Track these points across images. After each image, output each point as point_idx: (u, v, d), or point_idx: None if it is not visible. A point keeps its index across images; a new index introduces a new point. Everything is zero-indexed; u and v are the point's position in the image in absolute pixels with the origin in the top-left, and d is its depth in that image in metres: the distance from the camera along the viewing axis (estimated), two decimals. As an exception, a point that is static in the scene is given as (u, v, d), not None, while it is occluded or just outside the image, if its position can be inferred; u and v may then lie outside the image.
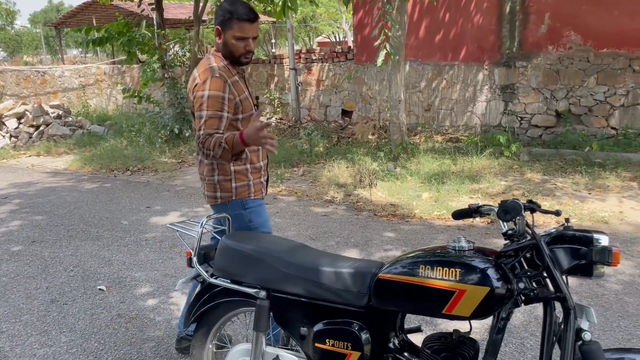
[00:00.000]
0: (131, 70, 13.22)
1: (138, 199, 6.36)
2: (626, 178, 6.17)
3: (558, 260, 1.64)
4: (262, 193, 2.66)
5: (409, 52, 8.87)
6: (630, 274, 3.81)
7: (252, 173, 2.57)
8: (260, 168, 2.61)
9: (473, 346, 1.79)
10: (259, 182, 2.62)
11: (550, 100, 8.01)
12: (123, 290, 3.85)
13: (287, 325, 2.07)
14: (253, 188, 2.58)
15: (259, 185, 2.62)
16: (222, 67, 2.41)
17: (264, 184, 2.66)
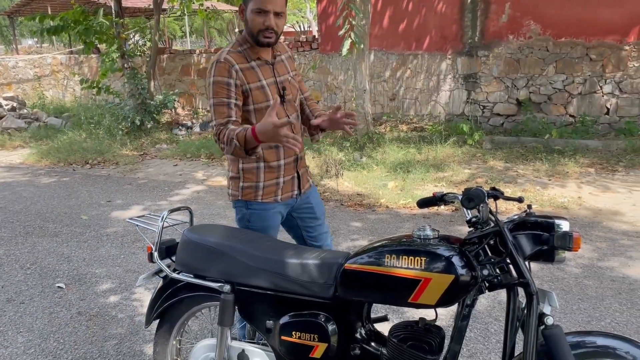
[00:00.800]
0: (89, 60, 12.81)
1: (98, 193, 6.18)
2: (584, 164, 6.36)
3: (521, 247, 1.65)
4: (276, 196, 2.32)
5: (373, 41, 8.87)
6: (589, 257, 3.92)
7: (265, 172, 2.28)
8: (278, 167, 2.29)
9: (439, 334, 1.79)
10: (274, 183, 2.30)
11: (511, 89, 8.16)
12: (83, 287, 3.73)
13: (252, 319, 2.04)
14: (262, 190, 2.29)
15: (272, 187, 2.30)
16: (236, 52, 2.18)
17: (281, 185, 2.32)
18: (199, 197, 5.89)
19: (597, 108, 7.67)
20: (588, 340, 1.68)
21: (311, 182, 2.54)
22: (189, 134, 9.53)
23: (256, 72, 2.20)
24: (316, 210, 2.50)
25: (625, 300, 3.28)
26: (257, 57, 2.21)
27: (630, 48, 7.32)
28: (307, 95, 2.53)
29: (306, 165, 2.49)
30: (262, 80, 2.20)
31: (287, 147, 1.95)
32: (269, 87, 2.22)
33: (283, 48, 2.38)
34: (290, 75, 2.33)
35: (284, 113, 2.26)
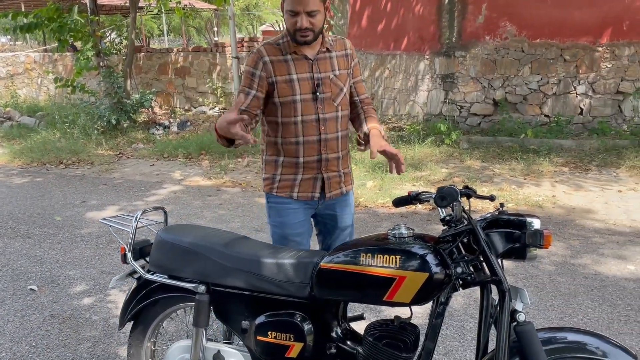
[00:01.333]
0: (64, 58, 12.58)
1: (72, 194, 6.07)
2: (558, 163, 6.47)
3: (493, 244, 1.67)
4: (292, 192, 2.29)
5: (352, 41, 8.86)
6: (562, 254, 3.99)
7: (283, 166, 2.28)
8: (296, 164, 2.26)
9: (414, 331, 1.81)
10: (291, 178, 2.28)
11: (488, 89, 8.26)
12: (56, 289, 3.66)
13: (228, 319, 2.02)
14: (278, 183, 2.29)
15: (288, 182, 2.28)
16: (275, 44, 2.18)
17: (298, 182, 2.28)
18: (176, 197, 5.83)
19: (571, 108, 7.81)
20: (559, 336, 1.71)
21: (345, 190, 2.39)
22: (166, 133, 9.43)
23: (288, 65, 2.17)
24: (339, 220, 2.40)
25: (596, 297, 3.35)
26: (293, 51, 2.17)
27: (603, 49, 7.48)
28: (362, 97, 2.40)
29: (341, 171, 2.35)
30: (292, 74, 2.17)
31: (238, 143, 1.97)
32: (300, 82, 2.18)
33: (341, 45, 2.30)
34: (334, 74, 2.23)
35: (314, 110, 2.21)
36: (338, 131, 2.28)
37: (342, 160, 2.35)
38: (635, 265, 3.79)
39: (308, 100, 2.19)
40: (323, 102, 2.22)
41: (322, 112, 2.22)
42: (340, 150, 2.31)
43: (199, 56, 11.04)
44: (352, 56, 2.33)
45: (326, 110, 2.23)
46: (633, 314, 3.14)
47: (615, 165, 6.33)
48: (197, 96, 11.15)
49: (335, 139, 2.28)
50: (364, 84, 2.41)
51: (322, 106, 2.21)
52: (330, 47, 2.24)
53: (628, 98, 7.51)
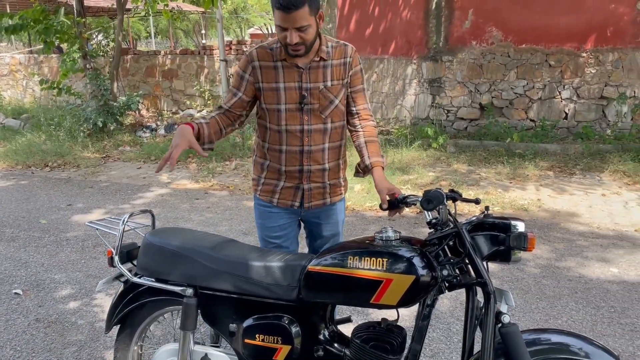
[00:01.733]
0: (49, 60, 12.47)
1: (58, 197, 6.02)
2: (543, 167, 6.55)
3: (479, 247, 1.70)
4: (272, 197, 2.30)
5: (339, 45, 8.92)
6: (547, 257, 4.04)
7: (268, 171, 2.30)
8: (281, 171, 2.26)
9: (400, 334, 1.82)
10: (274, 184, 2.29)
11: (475, 94, 8.34)
12: (41, 293, 3.63)
13: (215, 322, 2.02)
14: (261, 186, 2.33)
15: (270, 186, 2.30)
16: (268, 48, 2.15)
17: (279, 188, 2.29)
18: (163, 201, 5.80)
19: (556, 113, 7.91)
20: (543, 338, 1.74)
21: (329, 201, 2.34)
22: (153, 136, 9.38)
23: (277, 72, 2.14)
24: (323, 229, 2.38)
25: (581, 299, 3.40)
26: (284, 59, 2.13)
27: (587, 55, 7.59)
28: (360, 109, 2.30)
29: (327, 182, 2.30)
30: (279, 82, 2.14)
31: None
32: (286, 91, 2.14)
33: (341, 53, 2.19)
34: (325, 85, 2.16)
35: (299, 121, 2.17)
36: (325, 143, 2.23)
37: (330, 171, 2.30)
38: (618, 268, 3.84)
39: (293, 110, 2.17)
40: (310, 113, 2.17)
41: (307, 123, 2.18)
42: (327, 162, 2.27)
43: (186, 59, 11.01)
44: (352, 64, 2.23)
45: (312, 121, 2.19)
46: (616, 316, 3.19)
47: (599, 169, 6.42)
48: (185, 99, 11.11)
49: (320, 151, 2.23)
50: (365, 93, 2.31)
51: (308, 117, 2.18)
52: (327, 56, 2.15)
53: (612, 103, 7.63)
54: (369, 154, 2.24)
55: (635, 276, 3.71)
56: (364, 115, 2.30)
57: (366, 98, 2.32)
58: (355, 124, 2.31)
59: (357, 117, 2.30)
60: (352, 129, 2.32)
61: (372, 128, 2.30)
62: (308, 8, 1.92)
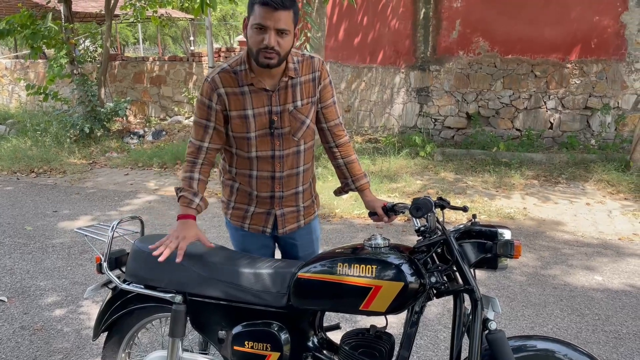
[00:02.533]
0: (36, 65, 12.37)
1: (44, 203, 5.96)
2: (529, 176, 6.63)
3: (466, 254, 1.72)
4: (243, 222, 2.18)
5: (329, 53, 8.99)
6: (533, 265, 4.09)
7: (237, 194, 2.16)
8: (250, 195, 2.13)
9: (389, 340, 1.84)
10: (244, 208, 2.16)
11: (462, 103, 8.43)
12: (27, 300, 3.59)
13: (204, 329, 2.02)
14: (231, 210, 2.19)
15: (240, 211, 2.17)
16: (231, 72, 1.97)
17: (250, 213, 2.15)
18: (150, 207, 5.77)
19: (542, 122, 8.03)
20: (529, 344, 1.76)
21: (303, 223, 2.23)
22: (140, 142, 9.33)
23: (244, 99, 1.97)
24: (300, 249, 2.26)
25: (566, 307, 3.44)
26: (250, 83, 1.95)
27: (572, 66, 7.72)
28: (332, 125, 2.17)
29: (300, 205, 2.19)
30: (247, 109, 1.97)
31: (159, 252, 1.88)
32: (255, 118, 1.98)
33: (308, 67, 2.04)
34: (295, 105, 2.01)
35: (270, 147, 2.03)
36: (299, 166, 2.12)
37: (304, 194, 2.19)
38: (602, 276, 3.90)
39: (264, 136, 2.02)
40: (281, 137, 2.03)
41: (278, 149, 2.04)
42: (301, 185, 2.16)
43: (175, 65, 10.99)
44: (321, 78, 2.08)
45: (284, 146, 2.05)
46: (600, 324, 3.23)
47: (584, 178, 6.51)
48: (173, 105, 11.09)
49: (294, 175, 2.12)
50: (336, 107, 2.17)
51: (279, 142, 2.04)
52: (295, 73, 1.99)
53: (596, 114, 7.76)
54: (352, 177, 2.23)
55: (619, 284, 3.76)
56: (337, 131, 2.19)
57: (337, 111, 2.18)
58: (329, 141, 2.20)
59: (329, 133, 2.18)
60: (327, 146, 2.22)
61: (348, 146, 2.23)
62: (292, 14, 1.84)
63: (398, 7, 8.63)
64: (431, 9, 8.40)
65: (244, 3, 23.39)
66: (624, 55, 7.48)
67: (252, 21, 1.84)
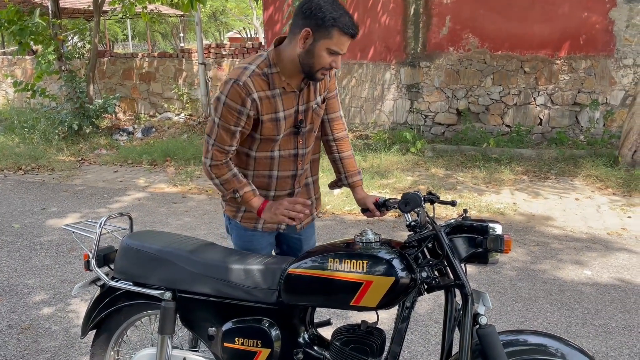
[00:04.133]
0: (23, 61, 12.23)
1: (32, 200, 5.90)
2: (519, 172, 6.66)
3: (457, 249, 1.72)
4: (256, 224, 2.13)
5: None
6: (523, 260, 4.11)
7: None
8: (269, 197, 2.10)
9: (380, 336, 1.83)
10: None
11: (452, 99, 8.45)
12: (14, 299, 3.55)
13: (194, 326, 2.00)
14: (242, 213, 2.13)
15: (252, 213, 2.08)
16: (261, 75, 1.90)
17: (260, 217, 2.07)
18: (140, 204, 5.73)
19: (531, 118, 8.07)
20: (520, 339, 1.77)
21: (315, 214, 2.30)
22: (130, 139, 9.26)
23: (276, 102, 1.94)
24: (304, 243, 2.27)
25: (555, 301, 3.46)
26: (282, 86, 1.94)
27: (561, 62, 7.76)
28: (333, 117, 2.20)
29: (312, 197, 2.25)
30: (279, 112, 1.95)
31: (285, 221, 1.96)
32: (286, 120, 1.97)
33: None
34: (317, 102, 2.05)
35: (293, 145, 2.04)
36: (310, 161, 2.17)
37: (314, 185, 2.24)
38: (591, 270, 3.93)
39: (289, 135, 2.03)
40: (304, 136, 2.06)
41: (302, 147, 2.06)
42: (310, 176, 2.21)
43: (164, 62, 10.91)
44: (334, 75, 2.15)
45: (307, 144, 2.08)
46: (589, 318, 3.26)
47: (573, 174, 6.55)
48: (163, 102, 11.01)
49: (308, 169, 2.17)
50: (338, 97, 2.21)
51: (302, 140, 2.06)
52: None
53: (584, 109, 7.81)
54: (345, 173, 2.23)
55: (608, 278, 3.79)
56: (336, 124, 2.21)
57: (338, 104, 2.22)
58: (327, 134, 2.21)
59: (328, 125, 2.20)
60: (324, 139, 2.23)
61: (345, 141, 2.23)
62: None
63: (388, 3, 8.62)
64: (421, 5, 8.39)
65: (234, -1, 23.27)
66: (613, 51, 7.54)
67: (327, 44, 1.83)
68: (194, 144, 8.26)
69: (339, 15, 1.81)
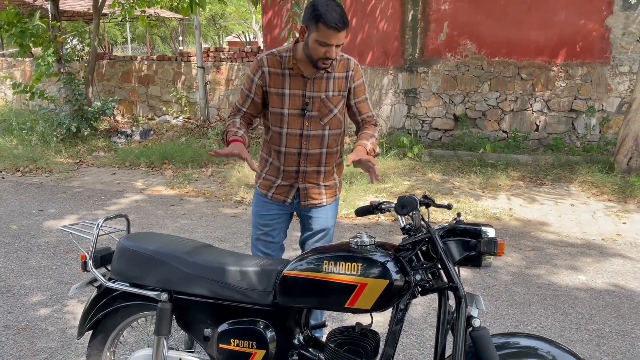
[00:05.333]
0: (22, 63, 12.24)
1: (29, 202, 5.90)
2: (515, 177, 6.69)
3: (450, 252, 1.74)
4: (268, 191, 2.54)
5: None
6: (518, 265, 4.13)
7: (269, 167, 2.54)
8: (278, 169, 2.49)
9: (374, 338, 1.85)
10: (272, 180, 2.52)
11: (449, 105, 8.49)
12: (11, 300, 3.55)
13: (190, 327, 2.02)
14: (261, 179, 2.57)
15: (268, 181, 2.54)
16: (278, 55, 2.35)
17: (276, 184, 2.51)
18: (137, 207, 5.74)
19: (528, 124, 8.11)
20: (513, 341, 1.79)
21: (326, 202, 2.56)
22: (128, 142, 9.28)
23: (284, 79, 2.34)
24: (313, 225, 2.59)
25: (550, 306, 3.48)
26: (291, 67, 2.32)
27: (558, 69, 7.81)
28: (365, 117, 2.52)
29: (322, 184, 2.53)
30: (285, 89, 2.35)
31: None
32: (290, 98, 2.35)
33: (344, 66, 2.39)
34: (327, 95, 2.37)
35: (299, 125, 2.38)
36: (323, 148, 2.45)
37: (326, 174, 2.52)
38: (586, 275, 3.95)
39: (295, 115, 2.37)
40: (310, 119, 2.38)
41: (307, 129, 2.39)
42: (324, 165, 2.49)
43: (163, 65, 10.94)
44: (354, 78, 2.42)
45: (312, 127, 2.40)
46: (583, 322, 3.28)
47: (569, 180, 6.59)
48: (161, 105, 11.03)
49: (318, 155, 2.45)
50: (368, 102, 2.53)
51: (308, 123, 2.39)
52: (330, 68, 2.34)
53: (581, 116, 7.85)
54: (358, 140, 2.45)
55: (602, 283, 3.82)
56: (367, 119, 2.53)
57: (369, 106, 2.53)
58: (356, 114, 2.54)
59: (356, 108, 2.52)
60: (354, 119, 2.57)
61: (372, 126, 2.52)
62: (346, 30, 2.21)
63: (386, 9, 8.67)
64: (419, 11, 8.45)
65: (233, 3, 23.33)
66: (609, 58, 7.59)
67: (316, 37, 2.17)
68: (192, 147, 8.27)
69: (326, 11, 2.13)
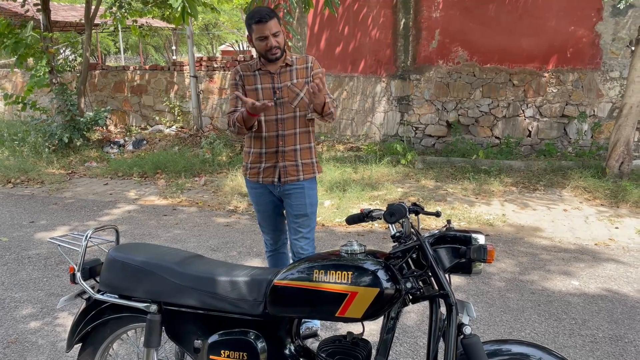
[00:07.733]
0: (13, 74, 12.20)
1: (20, 214, 5.86)
2: (508, 183, 6.71)
3: (441, 260, 1.74)
4: (258, 177, 2.91)
5: (310, 62, 9.00)
6: (512, 271, 4.13)
7: (252, 156, 2.91)
8: (260, 154, 2.88)
9: (366, 347, 1.84)
10: (257, 166, 2.90)
11: (442, 112, 8.52)
12: (1, 313, 3.51)
13: (180, 339, 2.00)
14: (249, 170, 2.95)
15: (255, 169, 2.91)
16: (248, 64, 2.88)
17: (262, 168, 2.89)
18: (130, 217, 5.71)
19: (520, 130, 8.14)
20: (504, 348, 1.78)
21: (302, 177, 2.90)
22: (121, 152, 9.24)
23: (255, 78, 2.84)
24: (293, 208, 2.94)
25: (543, 312, 3.48)
26: (259, 68, 2.84)
27: (549, 75, 7.86)
28: None
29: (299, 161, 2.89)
30: (257, 84, 2.84)
31: (261, 109, 2.59)
32: (263, 90, 2.83)
33: (303, 60, 2.89)
34: (292, 82, 2.83)
35: (274, 111, 2.82)
36: (296, 128, 2.87)
37: (302, 152, 2.91)
38: (579, 281, 3.95)
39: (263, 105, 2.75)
40: (282, 105, 2.84)
41: (280, 114, 2.84)
42: (298, 144, 2.89)
43: (156, 74, 10.93)
44: (313, 67, 2.89)
45: (285, 112, 2.84)
46: (577, 328, 3.27)
47: (561, 185, 6.61)
48: (154, 114, 11.01)
49: (292, 135, 2.87)
50: (326, 89, 2.75)
51: (280, 109, 2.83)
52: (291, 62, 2.86)
53: (572, 121, 7.90)
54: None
55: (596, 289, 3.82)
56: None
57: (328, 93, 2.80)
58: None
59: None
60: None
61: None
62: (276, 19, 2.69)
63: (379, 17, 8.71)
64: (411, 19, 8.49)
65: (226, 12, 23.39)
66: (599, 64, 7.65)
67: (254, 35, 2.72)
68: (185, 157, 8.25)
69: (253, 14, 2.68)
